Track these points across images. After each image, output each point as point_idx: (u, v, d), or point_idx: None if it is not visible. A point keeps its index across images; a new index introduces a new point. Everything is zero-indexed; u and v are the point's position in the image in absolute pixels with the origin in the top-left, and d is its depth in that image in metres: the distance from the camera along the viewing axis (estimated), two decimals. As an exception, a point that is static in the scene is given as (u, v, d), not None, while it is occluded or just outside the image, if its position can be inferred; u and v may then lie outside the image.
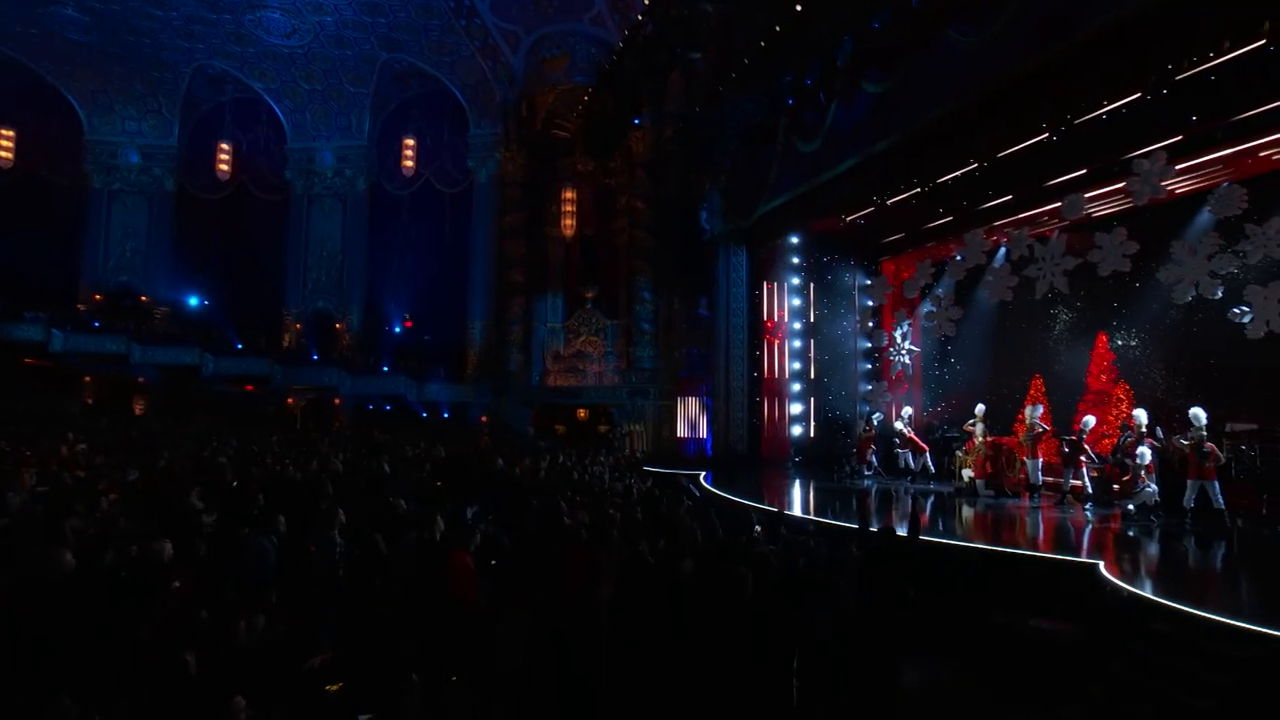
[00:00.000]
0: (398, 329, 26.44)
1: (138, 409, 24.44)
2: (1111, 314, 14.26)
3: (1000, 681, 5.16)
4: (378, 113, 26.30)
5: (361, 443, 17.60)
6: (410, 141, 25.54)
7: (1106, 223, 12.86)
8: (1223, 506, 9.33)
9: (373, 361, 25.04)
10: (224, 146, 25.87)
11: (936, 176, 14.32)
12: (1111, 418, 13.26)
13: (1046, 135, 12.28)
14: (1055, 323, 15.54)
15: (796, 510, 11.99)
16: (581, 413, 24.04)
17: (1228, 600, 5.56)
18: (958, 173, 14.00)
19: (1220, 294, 10.04)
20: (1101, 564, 6.84)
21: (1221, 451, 10.32)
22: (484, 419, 23.39)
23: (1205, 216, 12.33)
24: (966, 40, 10.94)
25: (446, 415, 24.20)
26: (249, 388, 24.41)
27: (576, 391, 23.56)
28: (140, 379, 24.42)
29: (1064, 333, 15.37)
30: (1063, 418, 13.56)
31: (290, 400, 24.84)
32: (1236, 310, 9.93)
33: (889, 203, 16.18)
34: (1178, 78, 10.16)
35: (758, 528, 6.12)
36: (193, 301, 26.60)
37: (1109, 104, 11.28)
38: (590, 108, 19.08)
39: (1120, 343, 14.08)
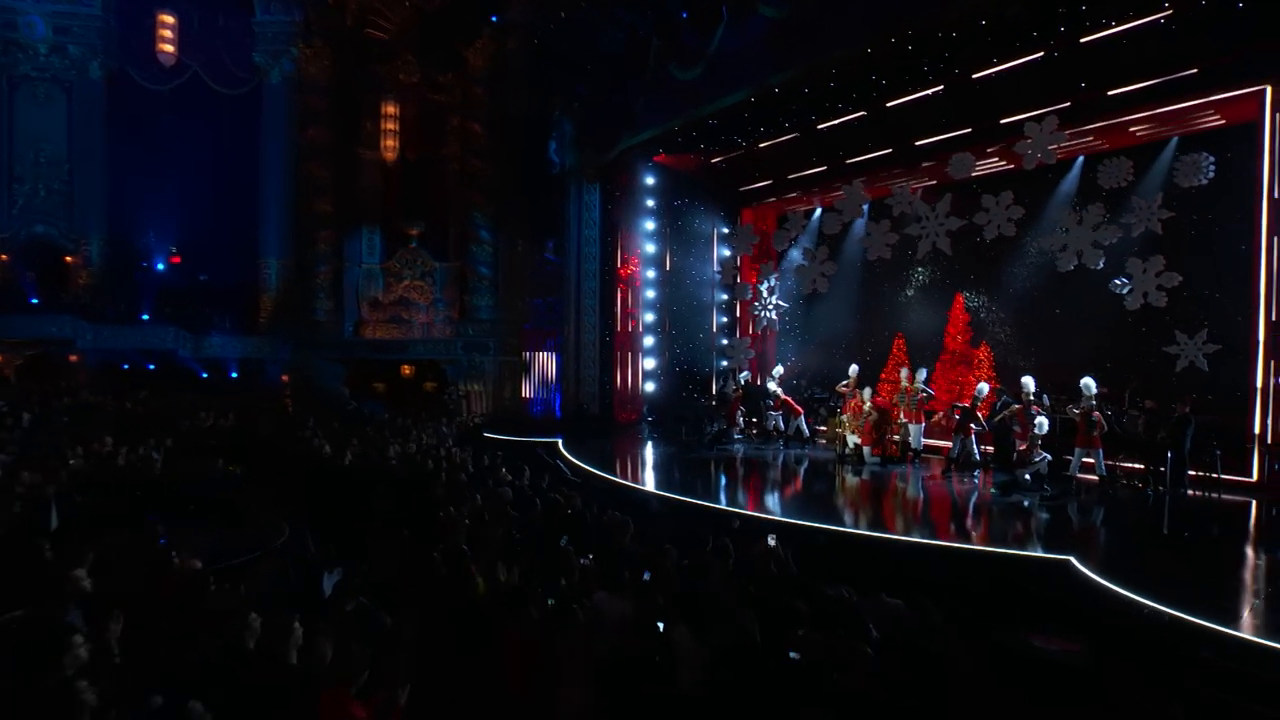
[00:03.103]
0: (161, 266, 20.79)
1: None
2: (969, 275, 14.58)
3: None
4: (114, -29, 19.83)
5: (111, 417, 13.36)
6: (169, 19, 19.56)
7: (967, 185, 12.84)
8: (1105, 474, 9.58)
9: (125, 307, 19.51)
10: None
11: (824, 120, 13.50)
12: (971, 379, 13.56)
13: (941, 88, 11.86)
14: (913, 282, 15.70)
15: (646, 483, 10.77)
16: (406, 369, 20.88)
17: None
18: (845, 119, 13.30)
19: (1102, 264, 10.16)
20: (1073, 559, 6.30)
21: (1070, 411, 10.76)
22: (285, 378, 19.36)
23: (1070, 184, 12.80)
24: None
25: (235, 375, 19.67)
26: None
27: (401, 345, 20.32)
28: None
29: (922, 292, 15.56)
30: (921, 379, 13.62)
31: (-1, 358, 18.72)
32: (1117, 281, 10.13)
33: (763, 145, 15.24)
34: (1082, 40, 10.02)
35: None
36: None
37: (1000, 63, 11.03)
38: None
39: (976, 303, 14.44)
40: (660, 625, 3.88)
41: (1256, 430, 9.69)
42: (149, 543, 5.01)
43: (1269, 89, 9.64)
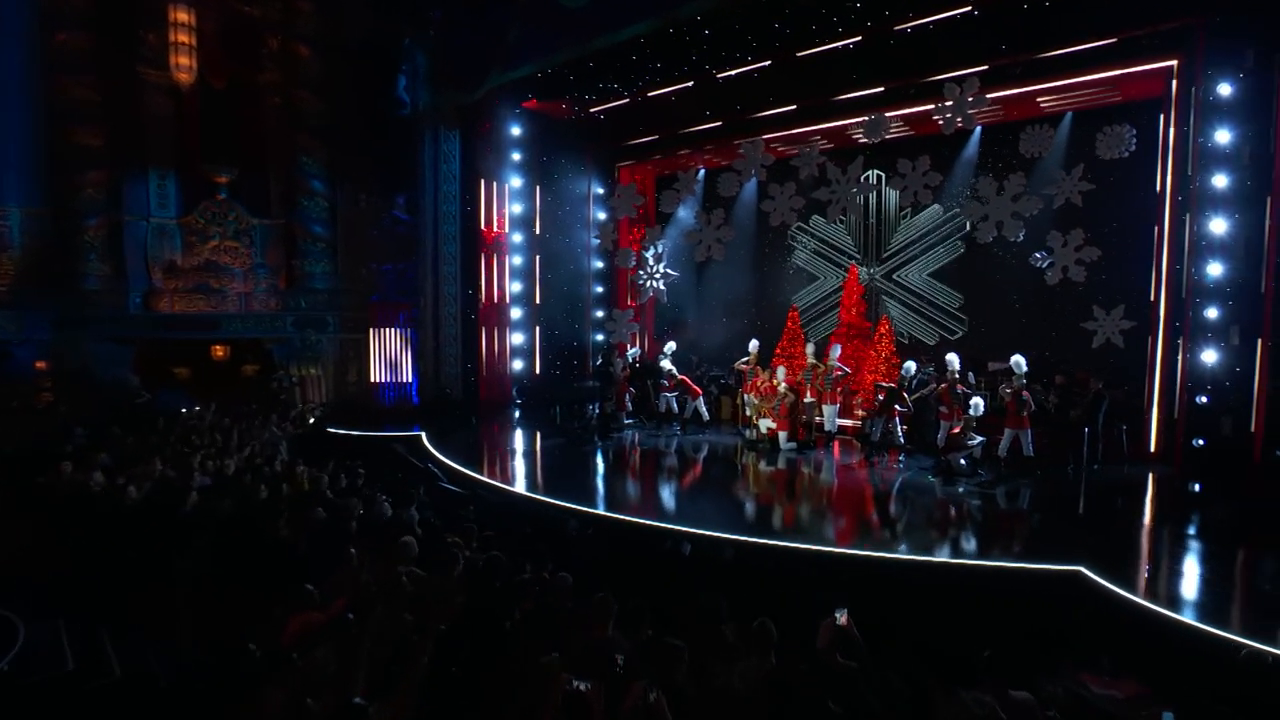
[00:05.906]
0: None
1: None
2: (864, 244, 14.12)
3: None
4: None
5: None
6: None
7: (866, 150, 12.18)
8: (1032, 454, 9.27)
9: None
10: None
11: (725, 68, 12.11)
12: (871, 354, 13.08)
13: (859, 39, 10.88)
14: (805, 250, 15.03)
15: (543, 489, 9.14)
16: (219, 350, 17.01)
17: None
18: (749, 68, 12.00)
19: (1022, 236, 9.77)
20: (1084, 568, 5.49)
21: (983, 390, 10.55)
22: (41, 364, 14.86)
23: (971, 153, 12.52)
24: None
25: (-38, 362, 14.81)
26: None
27: (210, 321, 16.44)
28: None
29: (814, 262, 14.93)
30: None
31: None
32: (1038, 255, 9.80)
33: (652, 95, 13.60)
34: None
35: None
36: None
37: (919, 16, 10.22)
38: None
39: (872, 275, 14.00)
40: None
41: (1156, 404, 9.87)
42: None
43: (1176, 64, 9.61)
